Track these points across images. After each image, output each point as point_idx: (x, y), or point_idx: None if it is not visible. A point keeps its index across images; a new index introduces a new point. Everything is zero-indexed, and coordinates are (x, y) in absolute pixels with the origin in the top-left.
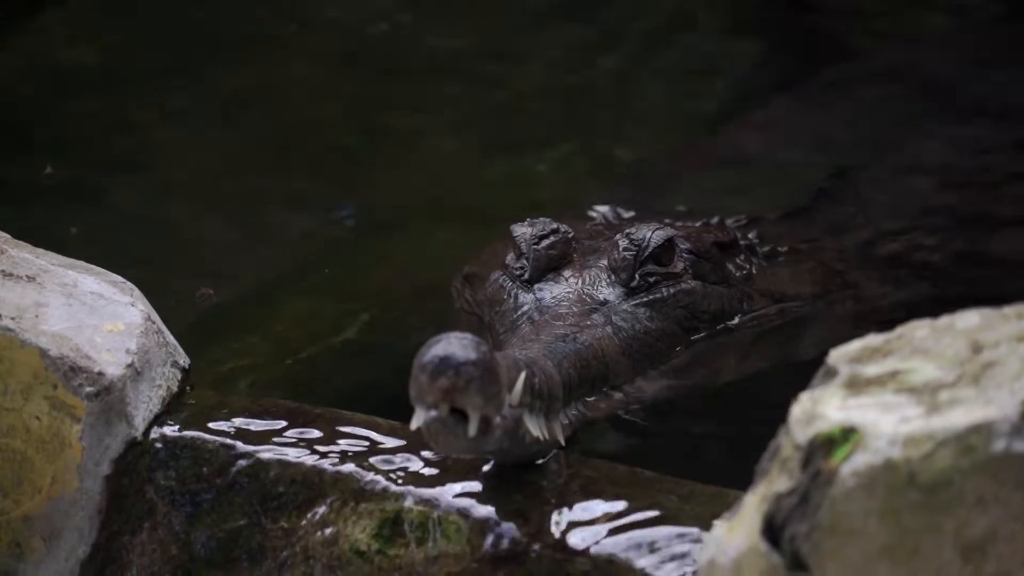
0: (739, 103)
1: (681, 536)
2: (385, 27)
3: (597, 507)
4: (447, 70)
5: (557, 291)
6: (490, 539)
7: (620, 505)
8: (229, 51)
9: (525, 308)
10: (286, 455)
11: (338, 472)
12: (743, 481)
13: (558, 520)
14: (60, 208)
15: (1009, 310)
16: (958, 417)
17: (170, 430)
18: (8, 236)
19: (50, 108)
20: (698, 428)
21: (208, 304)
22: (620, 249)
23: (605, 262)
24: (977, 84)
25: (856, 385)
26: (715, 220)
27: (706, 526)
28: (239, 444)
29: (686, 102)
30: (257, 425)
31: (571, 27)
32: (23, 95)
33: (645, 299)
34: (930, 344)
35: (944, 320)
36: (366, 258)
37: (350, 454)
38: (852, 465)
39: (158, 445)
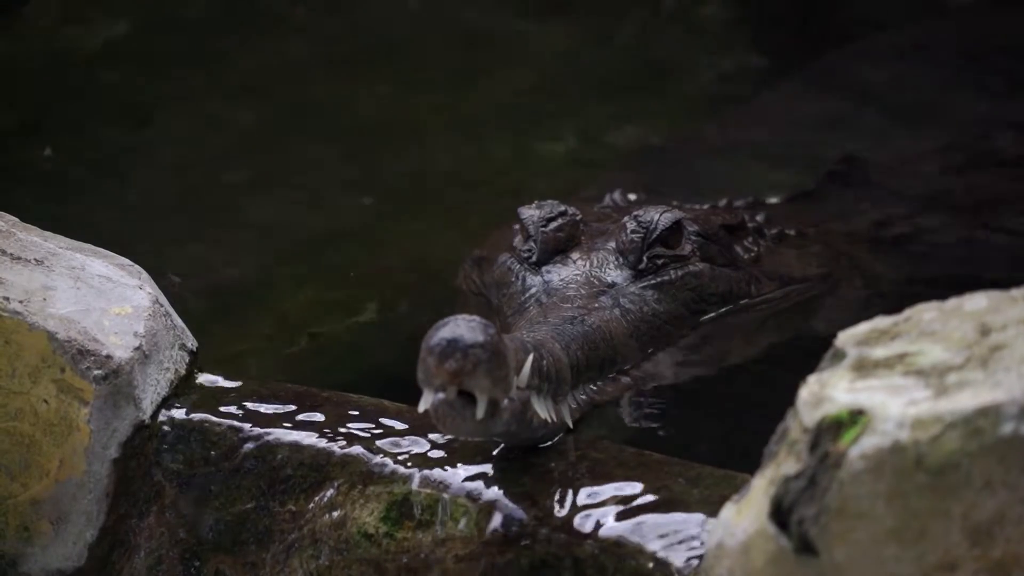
0: (746, 87)
1: (689, 519)
2: (391, 9)
3: (605, 490)
4: (454, 53)
5: (565, 273)
6: (498, 522)
7: (628, 488)
8: (235, 34)
9: (533, 290)
10: (294, 438)
11: (346, 455)
12: (751, 464)
13: (566, 503)
14: (60, 190)
15: (1017, 293)
16: (966, 400)
17: (178, 413)
18: (16, 219)
19: (51, 89)
20: (706, 410)
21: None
22: (628, 231)
23: (613, 244)
24: (984, 65)
25: (864, 368)
26: (723, 203)
27: (714, 509)
28: (247, 427)
29: (693, 86)
30: (265, 408)
31: (579, 11)
32: (24, 75)
33: (653, 281)
34: (938, 327)
35: (952, 303)
36: (374, 241)
37: (358, 437)
38: (860, 448)
39: (166, 428)
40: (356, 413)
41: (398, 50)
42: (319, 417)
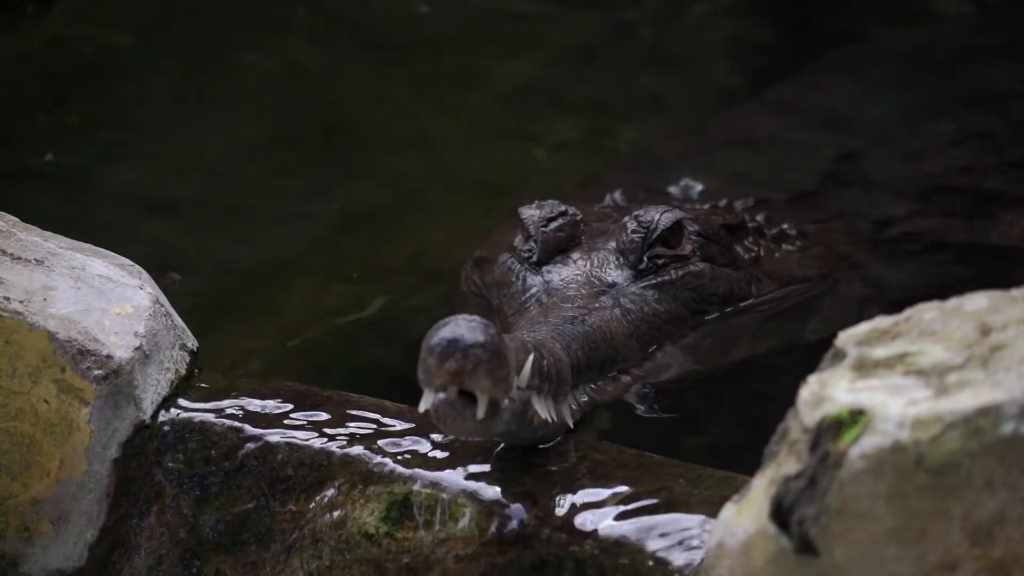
0: (748, 85)
1: (690, 519)
2: (392, 9)
3: (605, 490)
4: (455, 52)
5: (565, 273)
6: (498, 522)
7: (628, 488)
8: (235, 36)
9: (533, 290)
10: (294, 438)
11: (346, 455)
12: (751, 464)
13: (566, 503)
14: (60, 190)
15: (1017, 292)
16: (966, 400)
17: (178, 413)
18: (16, 219)
19: (51, 89)
20: (706, 411)
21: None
22: (628, 231)
23: (613, 244)
24: (986, 66)
25: (864, 367)
26: (723, 202)
27: (714, 510)
28: (247, 427)
29: (695, 84)
30: (265, 408)
31: (580, 8)
32: (25, 76)
33: (653, 281)
34: (938, 326)
35: (952, 302)
36: (375, 241)
37: (358, 437)
38: (860, 448)
39: (166, 428)
40: (357, 413)
41: (398, 50)
42: (320, 417)
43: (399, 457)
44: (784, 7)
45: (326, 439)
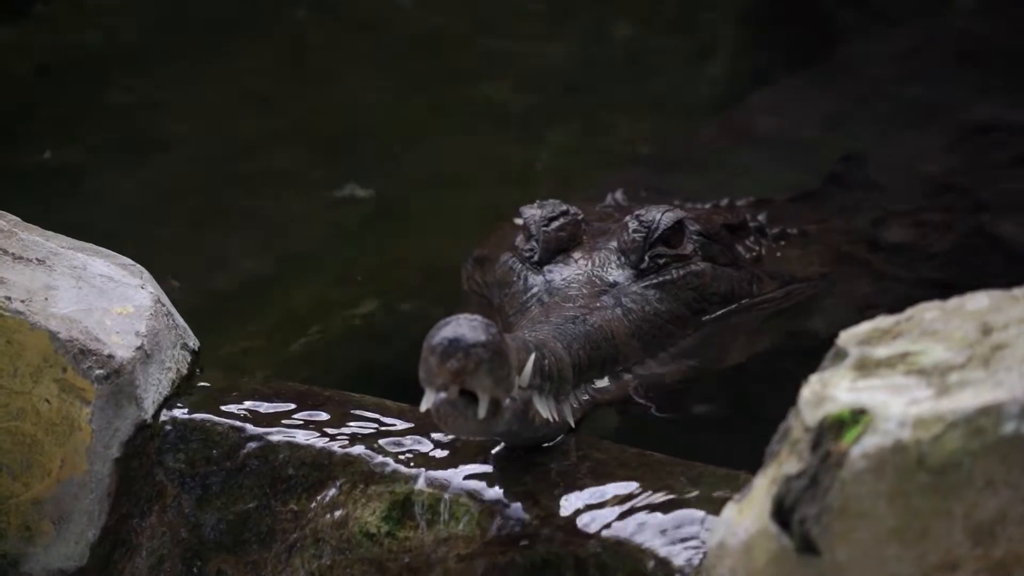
0: (750, 85)
1: (691, 518)
2: (392, 10)
3: (607, 490)
4: (455, 53)
5: (567, 273)
6: (499, 522)
7: (630, 487)
8: (236, 35)
9: (535, 290)
10: (295, 438)
11: (347, 454)
12: (753, 464)
13: (568, 503)
14: (61, 190)
15: (1018, 292)
16: (967, 399)
17: (180, 412)
18: (18, 219)
19: (51, 91)
20: (708, 410)
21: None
22: (630, 231)
23: (615, 244)
24: (985, 66)
25: (866, 367)
26: (725, 202)
27: (716, 509)
28: (249, 426)
29: (696, 84)
30: (267, 408)
31: (578, 9)
32: (25, 76)
33: (654, 281)
34: (939, 326)
35: (953, 302)
36: (375, 240)
37: (360, 436)
38: (862, 447)
39: (168, 428)
40: (358, 412)
41: (398, 49)
42: (321, 416)
43: (400, 457)
44: (786, 7)
45: (327, 439)
